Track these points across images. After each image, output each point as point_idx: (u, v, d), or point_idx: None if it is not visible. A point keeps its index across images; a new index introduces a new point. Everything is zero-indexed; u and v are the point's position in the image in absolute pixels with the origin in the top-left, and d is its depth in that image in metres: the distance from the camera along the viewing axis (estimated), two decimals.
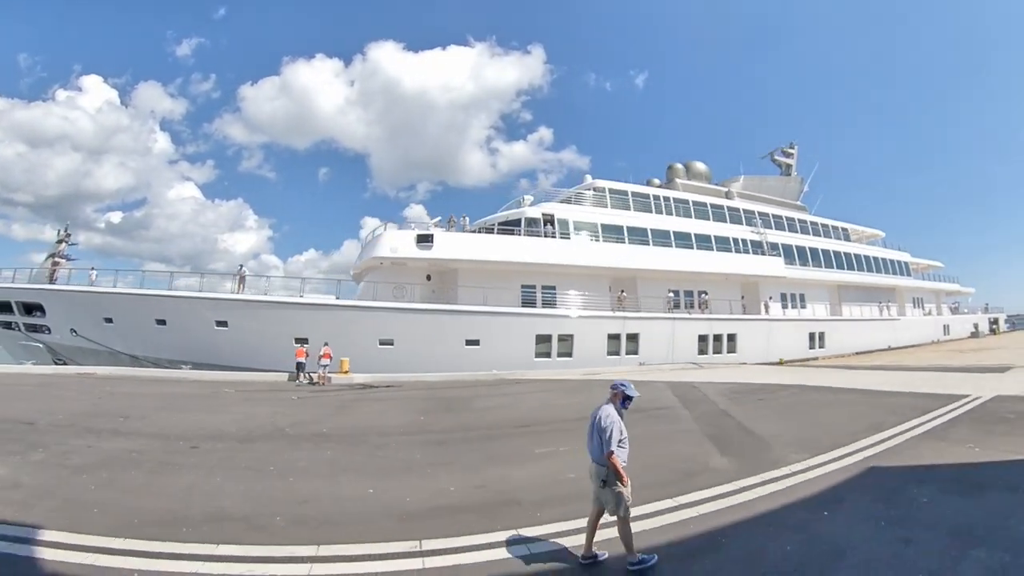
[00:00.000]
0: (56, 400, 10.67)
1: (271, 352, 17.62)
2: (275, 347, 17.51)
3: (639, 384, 4.21)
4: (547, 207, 22.80)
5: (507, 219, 22.41)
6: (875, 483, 5.30)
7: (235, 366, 17.57)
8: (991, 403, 9.44)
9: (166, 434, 7.83)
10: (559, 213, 22.58)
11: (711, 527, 4.18)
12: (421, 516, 4.49)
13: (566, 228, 22.46)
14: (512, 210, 23.29)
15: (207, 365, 17.56)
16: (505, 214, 22.91)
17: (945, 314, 37.68)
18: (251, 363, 17.60)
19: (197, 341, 18.13)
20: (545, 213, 22.32)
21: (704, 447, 6.96)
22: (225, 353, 17.99)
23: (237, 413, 9.84)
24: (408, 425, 8.87)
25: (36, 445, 6.85)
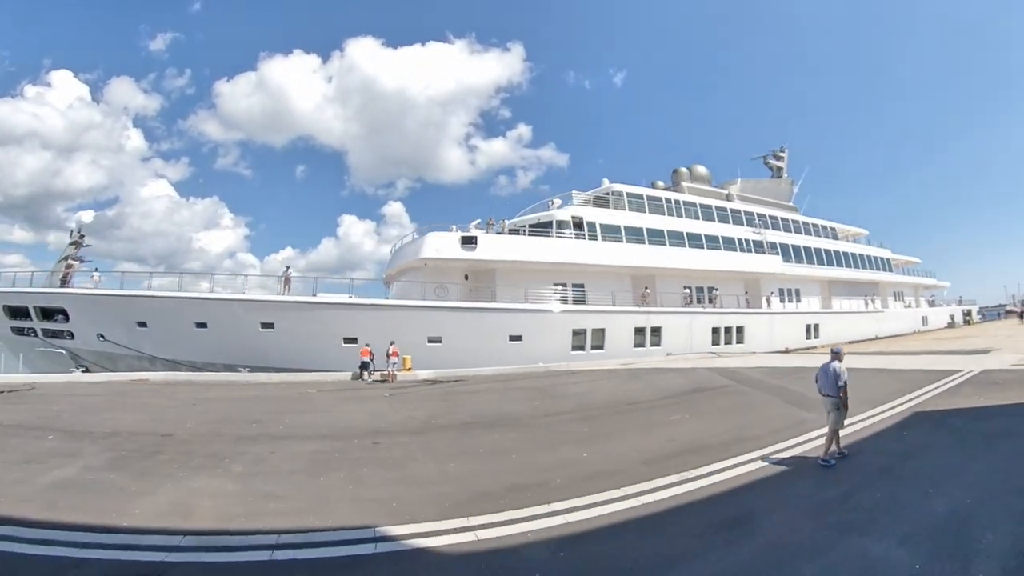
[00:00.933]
0: (158, 409, 10.78)
1: (319, 352, 18.71)
2: (323, 347, 18.71)
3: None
4: (575, 210, 25.21)
5: (538, 221, 24.69)
6: (924, 418, 7.94)
7: (281, 368, 17.97)
8: (982, 374, 12.39)
9: (325, 434, 8.53)
10: (586, 216, 25.03)
11: (848, 443, 6.57)
12: (659, 461, 6.40)
13: (593, 230, 24.93)
14: (541, 212, 25.58)
15: (252, 367, 18.32)
16: (536, 216, 25.19)
17: (923, 306, 42.36)
18: (298, 364, 18.28)
19: (241, 343, 18.76)
20: (574, 216, 24.72)
21: (790, 408, 9.51)
22: (271, 355, 18.74)
23: (357, 411, 10.95)
24: (534, 409, 10.77)
25: (214, 456, 7.00)
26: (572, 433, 8.37)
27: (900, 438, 6.75)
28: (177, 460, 6.79)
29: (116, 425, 8.86)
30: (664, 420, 9.13)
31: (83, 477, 6.04)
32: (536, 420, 9.52)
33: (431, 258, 21.40)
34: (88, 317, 19.21)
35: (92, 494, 5.43)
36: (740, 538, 4.08)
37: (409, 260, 22.37)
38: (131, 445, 7.50)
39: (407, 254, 22.94)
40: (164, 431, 8.53)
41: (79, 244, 23.24)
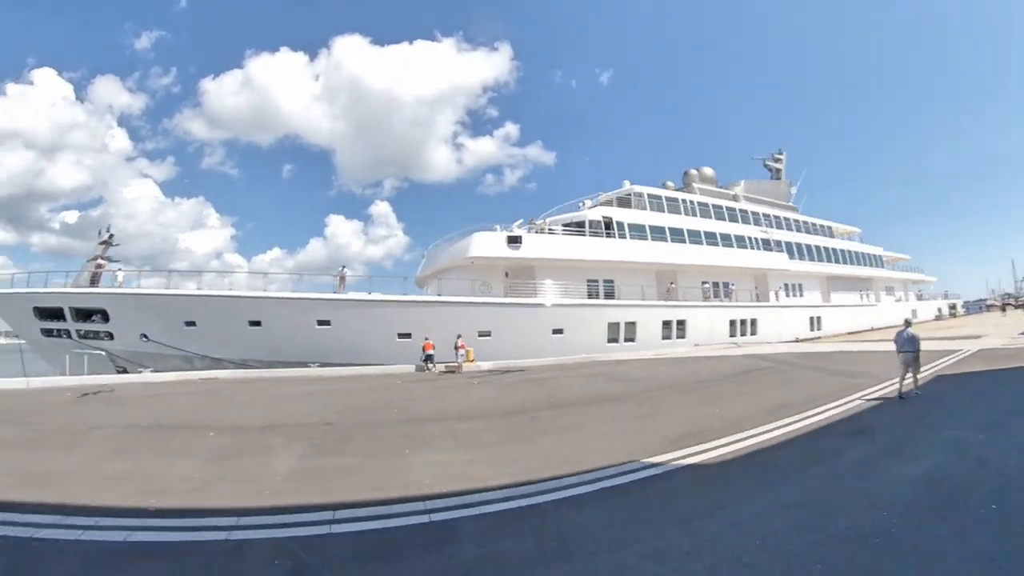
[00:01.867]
0: (269, 403, 11.44)
1: (375, 348, 20.31)
2: (378, 343, 20.41)
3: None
4: (604, 211, 27.82)
5: (571, 221, 27.22)
6: (945, 380, 10.76)
7: (338, 363, 19.14)
8: (980, 352, 15.46)
9: (475, 415, 9.58)
10: (615, 216, 27.64)
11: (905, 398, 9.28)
12: (772, 412, 8.68)
13: (621, 229, 27.56)
14: (574, 213, 28.08)
15: (306, 363, 19.45)
16: (569, 216, 27.69)
17: (912, 300, 46.54)
18: (353, 359, 19.53)
19: (296, 341, 19.98)
20: (604, 216, 27.32)
21: (839, 378, 12.22)
22: (327, 351, 19.99)
23: (471, 396, 12.27)
24: (625, 388, 12.74)
25: (409, 436, 7.66)
26: (682, 401, 10.59)
27: (937, 388, 9.51)
28: (377, 442, 7.40)
29: (244, 420, 9.28)
30: (740, 391, 11.62)
31: (313, 464, 6.32)
32: (639, 395, 11.60)
33: (478, 256, 23.66)
34: (130, 317, 19.68)
35: (347, 476, 5.76)
36: (868, 439, 6.59)
37: (455, 259, 24.55)
38: (310, 434, 7.89)
39: (451, 254, 25.09)
40: (316, 421, 9.06)
41: (108, 244, 23.59)
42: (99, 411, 10.42)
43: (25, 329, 21.38)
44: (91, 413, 10.15)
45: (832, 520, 3.97)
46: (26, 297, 20.52)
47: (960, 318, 45.22)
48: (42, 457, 6.70)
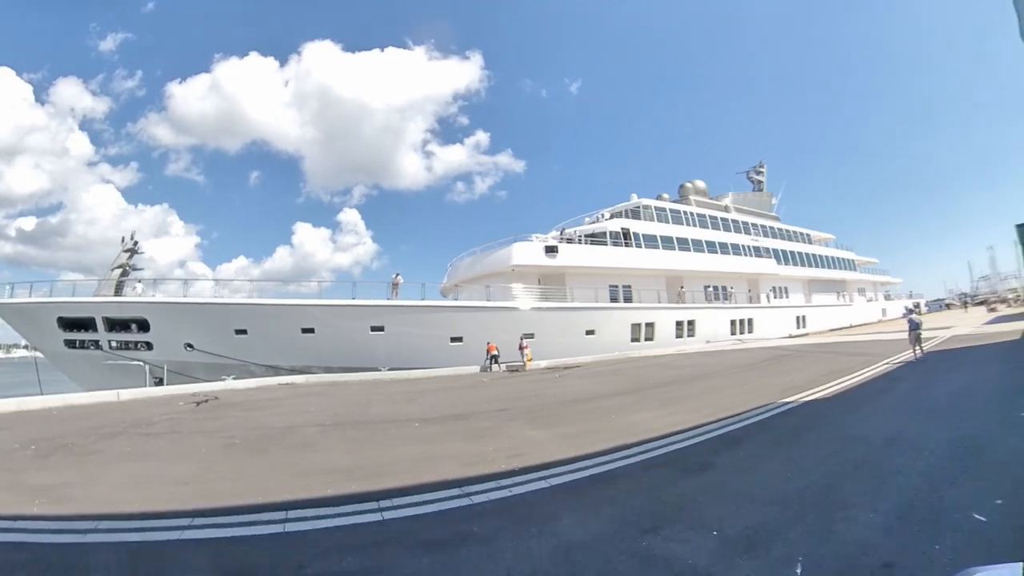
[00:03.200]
0: (385, 402, 12.12)
1: (428, 352, 22.36)
2: (431, 347, 22.52)
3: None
4: (622, 222, 31.64)
5: (592, 232, 30.87)
6: (936, 353, 14.87)
7: (391, 367, 20.44)
8: (955, 337, 19.99)
9: (602, 395, 11.63)
10: (632, 228, 31.48)
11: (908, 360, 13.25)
12: (821, 378, 12.81)
13: (637, 239, 31.43)
14: (595, 225, 31.74)
15: (361, 368, 20.54)
16: (591, 227, 31.32)
17: (881, 300, 52.70)
18: (407, 363, 20.91)
19: (350, 346, 21.08)
20: (623, 228, 31.13)
21: (857, 357, 16.21)
22: (380, 356, 21.29)
23: (573, 385, 14.38)
24: (693, 372, 16.47)
25: (572, 413, 9.11)
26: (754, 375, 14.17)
27: (934, 357, 13.54)
28: (576, 416, 9.08)
29: (416, 413, 10.29)
30: (790, 368, 15.37)
31: (557, 432, 7.68)
32: (714, 375, 15.06)
33: (519, 264, 26.91)
34: (173, 327, 19.99)
35: (590, 435, 7.26)
36: (899, 384, 10.42)
37: (497, 267, 27.66)
38: (511, 416, 9.37)
39: (493, 261, 28.16)
40: (487, 409, 10.46)
41: (134, 251, 23.55)
42: (255, 416, 10.67)
43: (44, 341, 21.11)
44: (256, 416, 10.55)
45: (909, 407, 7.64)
46: (50, 307, 20.37)
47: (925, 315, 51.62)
48: (302, 457, 6.77)
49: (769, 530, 3.68)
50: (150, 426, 9.45)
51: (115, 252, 24.91)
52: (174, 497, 5.05)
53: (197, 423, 9.82)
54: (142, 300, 20.73)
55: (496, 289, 27.35)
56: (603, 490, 4.91)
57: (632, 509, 4.31)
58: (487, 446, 6.88)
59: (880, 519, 3.74)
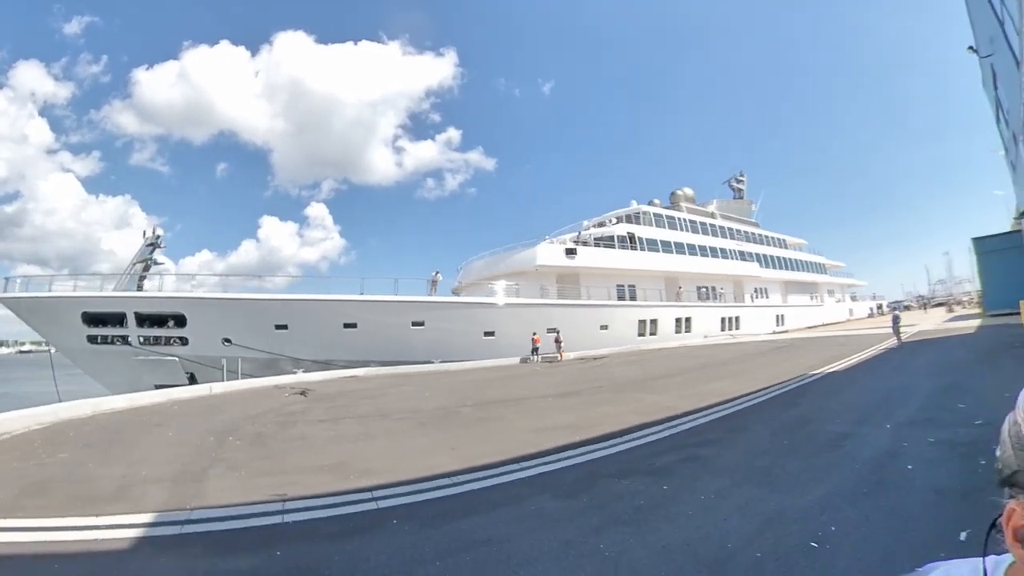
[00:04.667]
0: (487, 385, 14.65)
1: (464, 345, 24.13)
2: (467, 341, 25.10)
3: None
4: (628, 227, 35.46)
5: (601, 235, 34.54)
6: (910, 343, 19.18)
7: (428, 360, 22.28)
8: (921, 332, 24.58)
9: (651, 377, 17.54)
10: (636, 232, 35.34)
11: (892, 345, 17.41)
12: (827, 362, 16.79)
13: (641, 243, 35.32)
14: (604, 228, 35.42)
15: (401, 361, 21.95)
16: (600, 231, 35.00)
17: (848, 301, 58.85)
18: (444, 356, 22.76)
19: (391, 341, 22.70)
20: (629, 232, 34.95)
21: (841, 347, 20.39)
22: (419, 350, 23.00)
23: (619, 372, 19.58)
24: (714, 359, 20.71)
25: (670, 385, 15.78)
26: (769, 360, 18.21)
27: (909, 345, 17.76)
28: (652, 389, 14.18)
29: (510, 395, 13.99)
30: (795, 355, 19.31)
31: (647, 404, 11.70)
32: (736, 361, 19.22)
33: (542, 264, 30.23)
34: (210, 321, 20.69)
35: (672, 407, 10.59)
36: (891, 360, 14.43)
37: (521, 266, 30.81)
38: (598, 395, 12.63)
39: (517, 261, 31.27)
40: (590, 386, 13.96)
41: (156, 245, 23.34)
42: (382, 401, 12.26)
43: (64, 337, 21.22)
44: (386, 402, 12.15)
45: (906, 371, 11.52)
46: (74, 302, 20.65)
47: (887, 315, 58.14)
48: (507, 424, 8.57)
49: (871, 411, 7.26)
50: (302, 414, 10.64)
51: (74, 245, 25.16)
52: (453, 460, 6.40)
53: (342, 409, 11.16)
54: (181, 295, 21.63)
55: (524, 287, 30.63)
56: (750, 415, 8.44)
57: (781, 421, 7.84)
58: (630, 407, 10.00)
59: (910, 413, 7.41)
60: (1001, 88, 14.83)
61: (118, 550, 4.15)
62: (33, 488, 5.78)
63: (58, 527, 4.59)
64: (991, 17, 12.17)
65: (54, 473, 6.42)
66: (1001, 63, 13.22)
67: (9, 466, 6.80)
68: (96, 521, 4.71)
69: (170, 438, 8.60)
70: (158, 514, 4.90)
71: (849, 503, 4.18)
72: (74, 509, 5.06)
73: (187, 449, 7.69)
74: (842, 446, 5.95)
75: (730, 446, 6.40)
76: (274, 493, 5.32)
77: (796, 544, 3.46)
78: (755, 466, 5.42)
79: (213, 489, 5.70)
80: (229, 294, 22.11)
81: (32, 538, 4.40)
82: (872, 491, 4.45)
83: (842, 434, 6.46)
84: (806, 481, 4.80)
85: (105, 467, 6.69)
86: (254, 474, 6.24)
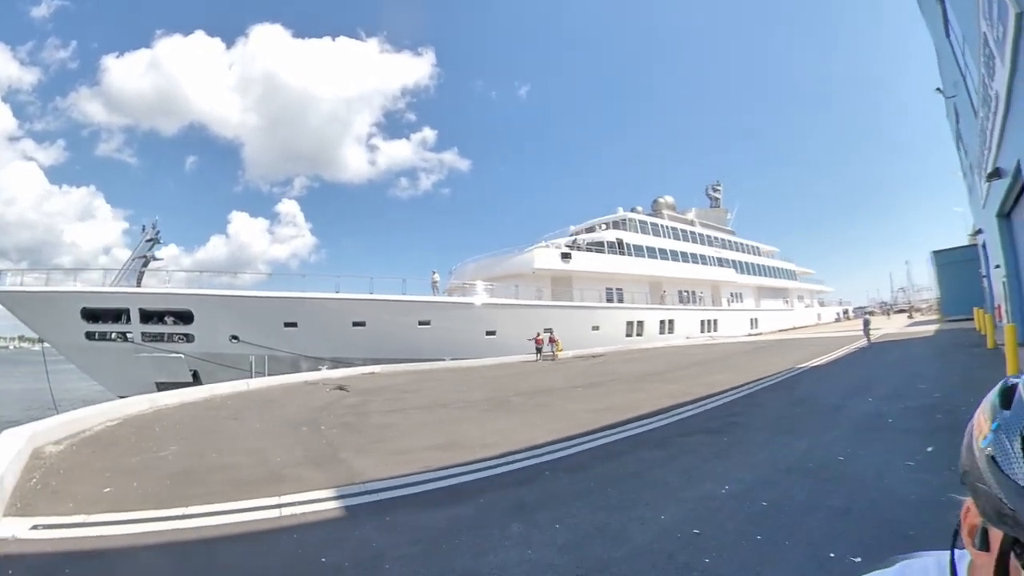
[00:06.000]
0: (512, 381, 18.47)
1: (466, 344, 26.05)
2: (470, 340, 27.00)
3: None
4: (616, 233, 37.90)
5: (592, 241, 36.85)
6: (877, 344, 22.01)
7: (432, 358, 23.51)
8: (885, 335, 27.67)
9: (661, 371, 20.77)
10: (624, 238, 37.80)
11: (863, 345, 20.16)
12: (810, 357, 19.42)
13: (629, 249, 37.81)
14: (593, 234, 37.76)
15: (407, 359, 22.92)
16: (592, 236, 37.31)
17: (817, 306, 63.03)
18: (448, 354, 24.32)
19: (398, 339, 24.10)
20: (618, 238, 37.37)
21: (817, 347, 23.14)
22: (425, 348, 24.45)
23: (624, 367, 22.61)
24: (708, 357, 23.19)
25: (679, 378, 19.10)
26: (758, 356, 20.78)
27: (877, 345, 20.52)
28: (667, 381, 17.73)
29: (539, 386, 18.38)
30: (776, 354, 21.90)
31: (666, 389, 16.63)
32: (730, 358, 21.72)
33: (539, 268, 32.29)
34: (217, 319, 21.18)
35: (686, 393, 15.71)
36: (863, 356, 17.04)
37: (518, 269, 32.77)
38: (626, 384, 17.71)
39: (514, 264, 33.20)
40: (582, 384, 19.02)
41: (155, 241, 23.36)
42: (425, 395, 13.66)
43: (59, 333, 21.12)
44: (428, 394, 13.79)
45: (878, 364, 14.04)
46: (74, 297, 20.56)
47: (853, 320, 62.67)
48: (562, 408, 12.86)
49: (854, 391, 9.55)
50: (363, 406, 11.73)
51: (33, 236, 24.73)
52: (546, 434, 7.98)
53: (396, 402, 12.31)
54: (190, 292, 21.84)
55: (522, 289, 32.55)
56: (761, 396, 10.66)
57: (788, 399, 10.03)
58: (657, 393, 12.20)
59: (886, 390, 9.74)
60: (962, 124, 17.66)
61: (336, 518, 4.68)
62: (181, 479, 6.03)
63: (249, 508, 4.95)
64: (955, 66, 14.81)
65: (186, 464, 6.70)
66: (962, 105, 15.96)
67: (128, 460, 6.98)
68: (281, 500, 5.11)
69: (258, 429, 9.21)
70: (336, 489, 5.43)
71: (854, 439, 6.34)
72: (244, 493, 5.39)
73: (289, 439, 8.25)
74: (840, 411, 8.17)
75: (756, 416, 8.51)
76: (422, 466, 6.16)
77: (829, 460, 5.55)
78: (781, 426, 7.54)
79: (360, 467, 6.32)
80: (240, 291, 22.58)
81: (234, 519, 4.67)
82: (868, 433, 6.64)
83: (837, 405, 8.68)
84: (821, 431, 6.94)
85: (227, 456, 7.11)
86: (384, 454, 7.04)
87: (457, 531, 4.14)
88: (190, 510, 4.88)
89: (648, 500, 4.60)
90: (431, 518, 4.52)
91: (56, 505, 5.10)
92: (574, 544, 3.74)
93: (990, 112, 10.26)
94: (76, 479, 6.05)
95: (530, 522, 4.20)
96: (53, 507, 5.03)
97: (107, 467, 6.57)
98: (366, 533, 4.22)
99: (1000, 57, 7.36)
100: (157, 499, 5.25)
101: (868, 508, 4.08)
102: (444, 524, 4.34)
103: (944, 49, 16.07)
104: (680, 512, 4.24)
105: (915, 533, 3.49)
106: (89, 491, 5.56)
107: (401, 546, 3.91)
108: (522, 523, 4.19)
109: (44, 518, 4.72)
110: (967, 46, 11.52)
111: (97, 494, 5.46)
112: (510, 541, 3.86)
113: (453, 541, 3.93)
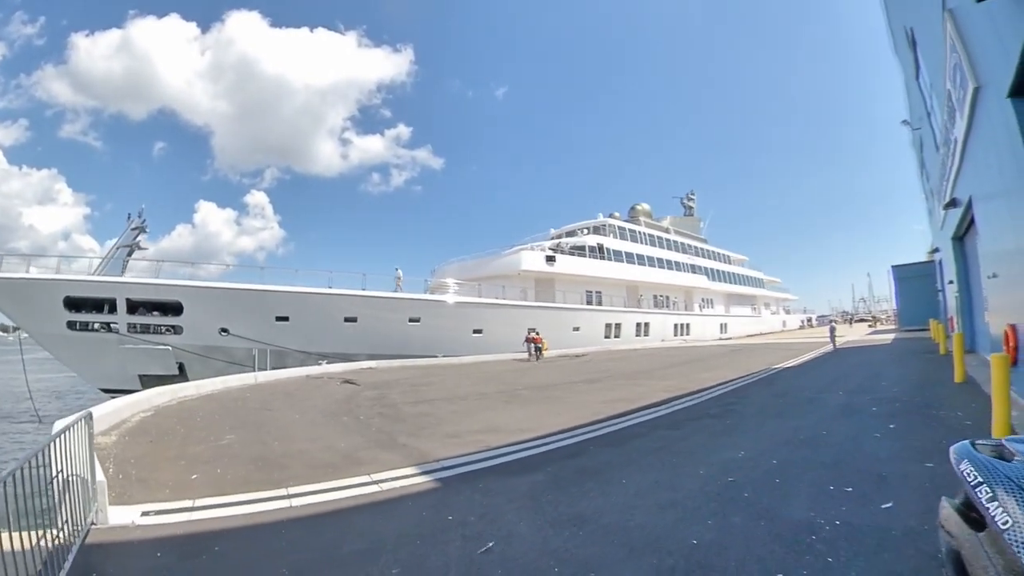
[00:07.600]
0: (518, 375, 19.91)
1: (453, 342, 27.04)
2: (457, 337, 27.98)
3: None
4: (597, 238, 39.62)
5: (574, 244, 38.45)
6: (842, 350, 24.24)
7: (421, 355, 24.62)
8: (848, 342, 30.18)
9: (654, 368, 22.44)
10: (604, 243, 39.55)
11: (829, 351, 22.30)
12: (785, 358, 21.44)
13: (608, 254, 39.59)
14: (575, 238, 39.35)
15: (397, 356, 24.16)
16: (574, 240, 38.92)
17: (782, 313, 66.51)
18: (435, 352, 25.34)
19: (389, 336, 24.74)
20: (599, 243, 39.10)
21: (786, 351, 25.31)
22: (415, 345, 25.22)
23: (620, 364, 24.22)
24: (691, 357, 25.03)
25: (676, 374, 20.63)
26: (736, 358, 22.60)
27: (841, 351, 22.72)
28: (662, 377, 19.34)
29: (549, 381, 20.27)
30: (751, 356, 23.89)
31: (666, 383, 18.29)
32: (712, 359, 23.54)
33: (525, 270, 33.62)
34: (207, 311, 21.12)
35: (681, 388, 17.57)
36: (830, 359, 19.05)
37: (505, 270, 33.95)
38: (612, 383, 19.48)
39: (500, 265, 34.35)
40: (583, 379, 20.55)
41: (141, 230, 23.09)
42: (443, 388, 15.26)
43: (38, 323, 20.63)
44: (445, 387, 16.51)
45: (844, 365, 16.01)
46: (53, 285, 20.04)
47: (816, 327, 66.59)
48: (583, 398, 15.00)
49: (826, 387, 11.27)
50: (385, 398, 12.49)
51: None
52: (571, 419, 9.58)
53: (412, 395, 13.46)
54: (180, 283, 21.50)
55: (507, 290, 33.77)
56: (747, 390, 12.32)
57: (770, 392, 11.71)
58: (654, 387, 13.84)
59: (853, 386, 11.51)
60: (925, 153, 19.88)
61: (434, 488, 5.33)
62: (261, 464, 6.45)
63: (347, 485, 5.45)
64: (922, 105, 16.84)
65: (255, 452, 7.14)
66: (927, 137, 18.10)
67: (193, 449, 7.35)
68: (373, 478, 5.70)
69: (300, 420, 9.79)
70: (418, 467, 6.09)
71: (832, 421, 7.96)
72: (331, 474, 5.87)
73: (337, 427, 8.95)
74: (817, 401, 9.84)
75: (747, 405, 10.10)
76: (480, 447, 7.04)
77: (815, 435, 7.12)
78: (771, 412, 9.11)
79: (425, 449, 7.06)
80: (232, 284, 22.40)
81: (340, 495, 5.16)
82: (842, 416, 8.28)
83: (812, 398, 10.35)
84: (804, 415, 8.54)
85: (292, 444, 7.65)
86: (439, 437, 7.88)
87: (544, 490, 5.15)
88: (292, 490, 5.33)
89: (683, 464, 5.98)
90: (516, 483, 5.36)
91: (152, 493, 5.39)
92: (643, 492, 5.05)
93: (950, 151, 12.13)
94: (153, 468, 6.38)
95: (601, 480, 5.47)
96: (150, 495, 5.32)
97: (177, 455, 7.00)
98: (470, 496, 4.98)
99: (960, 113, 9.04)
100: (250, 483, 5.65)
101: (850, 462, 5.60)
102: (528, 488, 5.19)
103: (913, 88, 18.16)
104: (713, 469, 5.64)
105: (886, 474, 5.00)
106: (175, 478, 5.91)
107: (506, 503, 4.76)
108: (595, 482, 5.44)
109: (148, 505, 4.98)
110: (934, 93, 13.42)
111: (186, 480, 5.83)
112: (593, 493, 5.07)
113: (546, 496, 5.01)
